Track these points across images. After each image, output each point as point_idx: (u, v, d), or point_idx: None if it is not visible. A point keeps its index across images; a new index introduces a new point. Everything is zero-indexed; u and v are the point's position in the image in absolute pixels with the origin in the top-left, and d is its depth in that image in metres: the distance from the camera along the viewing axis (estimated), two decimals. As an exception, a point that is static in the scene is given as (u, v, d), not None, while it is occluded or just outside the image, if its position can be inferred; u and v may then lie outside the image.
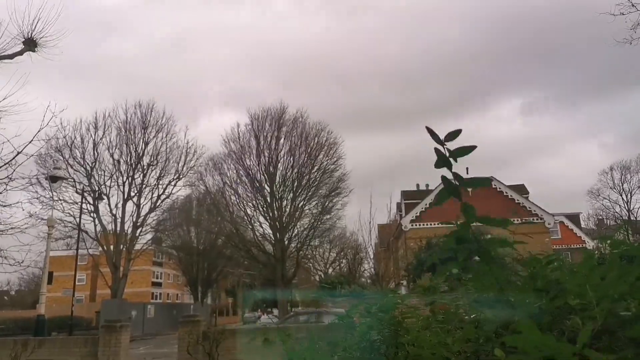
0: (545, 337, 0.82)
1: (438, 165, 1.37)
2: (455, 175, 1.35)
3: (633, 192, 51.59)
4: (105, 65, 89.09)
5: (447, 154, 1.35)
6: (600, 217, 56.33)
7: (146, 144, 37.78)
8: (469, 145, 1.35)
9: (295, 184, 36.14)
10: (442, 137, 1.37)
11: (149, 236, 40.88)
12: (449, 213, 1.83)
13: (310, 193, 36.73)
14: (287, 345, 2.74)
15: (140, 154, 37.56)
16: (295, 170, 36.17)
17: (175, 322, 23.47)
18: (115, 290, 36.27)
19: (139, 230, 37.90)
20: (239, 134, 37.22)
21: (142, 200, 37.81)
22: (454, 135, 1.36)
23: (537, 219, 36.38)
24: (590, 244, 43.15)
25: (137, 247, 38.64)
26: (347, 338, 2.59)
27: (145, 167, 37.73)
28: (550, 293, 1.60)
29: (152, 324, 41.01)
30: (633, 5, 13.99)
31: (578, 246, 43.96)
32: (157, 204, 38.50)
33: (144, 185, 37.74)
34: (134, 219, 37.48)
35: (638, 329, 1.28)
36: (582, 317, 1.39)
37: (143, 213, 37.88)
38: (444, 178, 1.38)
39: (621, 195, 52.34)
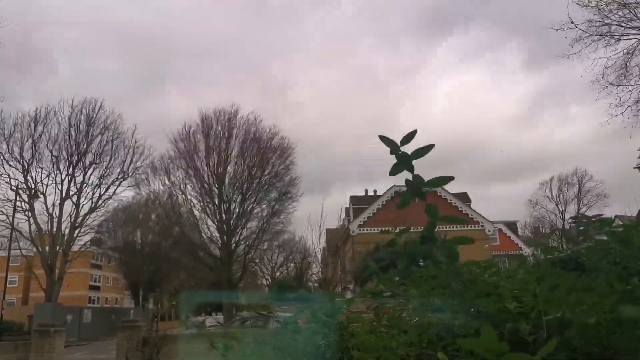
0: (503, 344, 0.83)
1: (396, 171, 1.35)
2: (417, 177, 1.35)
3: (568, 203, 55.07)
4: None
5: (406, 158, 1.33)
6: (536, 226, 59.52)
7: (89, 141, 36.35)
8: (426, 145, 1.34)
9: (245, 186, 35.70)
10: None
11: (88, 237, 39.23)
12: (395, 219, 1.85)
13: (260, 195, 36.41)
14: (230, 350, 2.68)
15: (82, 152, 36.06)
16: (246, 172, 35.75)
17: (114, 327, 22.67)
18: (50, 294, 34.61)
19: (77, 231, 36.32)
20: (187, 133, 36.36)
21: (82, 199, 36.35)
22: (409, 137, 1.33)
23: (478, 226, 37.86)
24: (526, 250, 45.33)
25: (75, 248, 37.02)
26: (292, 343, 2.58)
27: (87, 165, 36.31)
28: (490, 297, 1.65)
29: (89, 329, 39.51)
30: (572, 22, 14.94)
31: (515, 252, 46.12)
32: (99, 204, 37.12)
33: (84, 184, 36.29)
34: (72, 219, 35.90)
35: (571, 333, 1.35)
36: (519, 320, 1.44)
37: (82, 213, 36.41)
38: (407, 182, 1.38)
39: (557, 206, 55.76)
